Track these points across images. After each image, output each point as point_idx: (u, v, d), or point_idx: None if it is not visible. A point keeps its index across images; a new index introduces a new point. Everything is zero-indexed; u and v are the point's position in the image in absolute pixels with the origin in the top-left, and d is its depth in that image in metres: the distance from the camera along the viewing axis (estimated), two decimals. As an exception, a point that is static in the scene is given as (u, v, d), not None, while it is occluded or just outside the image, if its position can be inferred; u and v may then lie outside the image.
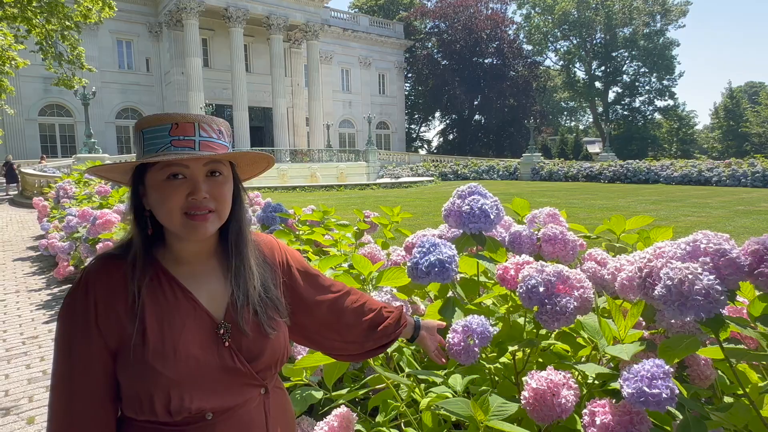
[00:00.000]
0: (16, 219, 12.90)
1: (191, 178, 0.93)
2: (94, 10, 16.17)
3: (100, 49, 30.94)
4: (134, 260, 0.94)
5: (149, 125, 0.93)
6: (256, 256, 1.07)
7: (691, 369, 1.17)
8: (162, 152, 0.91)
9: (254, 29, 34.15)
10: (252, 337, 0.99)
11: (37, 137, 30.00)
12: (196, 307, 0.97)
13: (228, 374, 0.94)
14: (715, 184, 22.29)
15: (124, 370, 0.90)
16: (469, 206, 1.43)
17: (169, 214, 0.92)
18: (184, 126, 0.92)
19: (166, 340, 0.91)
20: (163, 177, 0.92)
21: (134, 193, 0.97)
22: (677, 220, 10.35)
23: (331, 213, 2.89)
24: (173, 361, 0.89)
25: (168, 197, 0.91)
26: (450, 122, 54.19)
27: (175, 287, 0.96)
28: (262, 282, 1.04)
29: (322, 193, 20.30)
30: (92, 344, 0.90)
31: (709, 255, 0.98)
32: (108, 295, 0.92)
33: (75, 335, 0.91)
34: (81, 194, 7.35)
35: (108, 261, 0.96)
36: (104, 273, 0.94)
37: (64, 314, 0.93)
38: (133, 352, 0.89)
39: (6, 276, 6.86)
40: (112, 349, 0.91)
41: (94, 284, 0.93)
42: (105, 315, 0.91)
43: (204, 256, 1.02)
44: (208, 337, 0.95)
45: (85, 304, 0.91)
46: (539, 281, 1.13)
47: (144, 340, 0.90)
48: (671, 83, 54.08)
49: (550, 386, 0.96)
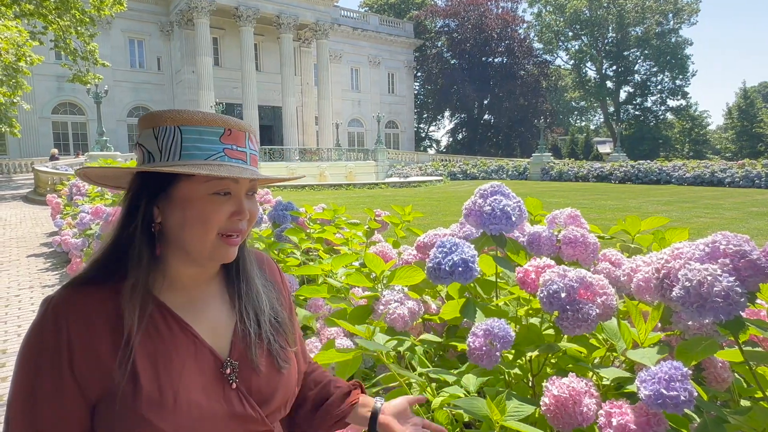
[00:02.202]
0: (30, 216, 13.08)
1: (236, 196, 0.80)
2: (106, 4, 16.38)
3: (113, 48, 31.26)
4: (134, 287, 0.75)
5: (193, 122, 0.77)
6: (258, 272, 0.93)
7: (708, 371, 1.15)
8: (213, 161, 0.77)
9: (264, 28, 34.30)
10: (264, 374, 0.85)
11: (50, 135, 30.43)
12: (196, 342, 0.80)
13: (236, 422, 0.79)
14: (728, 185, 22.00)
15: (108, 425, 0.73)
16: (490, 207, 1.41)
17: (204, 234, 0.77)
18: (237, 135, 0.79)
19: (163, 385, 0.74)
20: (207, 191, 0.77)
21: (147, 201, 0.77)
22: (690, 221, 10.23)
23: (341, 212, 2.90)
24: (173, 410, 0.73)
25: (210, 215, 0.77)
26: (459, 122, 54.06)
27: (170, 320, 0.79)
28: (271, 305, 0.91)
29: (331, 191, 20.34)
30: (65, 398, 0.72)
31: (728, 256, 0.96)
32: (86, 335, 0.72)
33: (41, 387, 0.71)
34: (94, 191, 7.44)
35: (82, 290, 0.76)
36: (79, 306, 0.74)
37: (25, 360, 0.73)
38: (122, 403, 0.72)
39: (20, 272, 6.96)
40: (90, 402, 0.73)
41: (66, 321, 0.72)
42: (83, 359, 0.72)
43: (204, 280, 0.86)
44: (212, 379, 0.79)
45: (55, 346, 0.71)
46: (561, 287, 1.12)
47: (135, 387, 0.72)
48: (684, 83, 53.52)
49: (572, 394, 0.95)
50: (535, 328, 1.27)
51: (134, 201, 0.78)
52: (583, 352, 1.25)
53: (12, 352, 4.07)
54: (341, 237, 2.55)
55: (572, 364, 1.20)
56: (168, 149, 0.76)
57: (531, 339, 1.22)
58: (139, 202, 0.78)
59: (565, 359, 1.24)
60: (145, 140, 0.79)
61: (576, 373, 1.06)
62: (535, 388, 1.25)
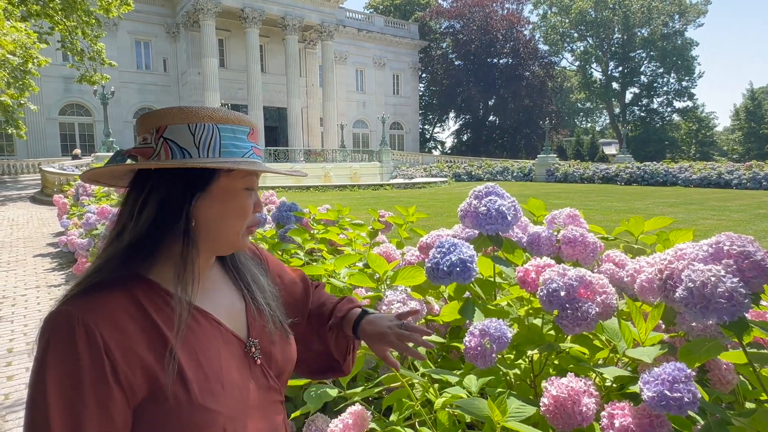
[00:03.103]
0: (37, 216, 13.17)
1: (255, 191, 0.87)
2: (113, 5, 16.51)
3: (119, 50, 31.45)
4: (181, 281, 0.77)
5: (229, 121, 0.80)
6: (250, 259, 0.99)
7: (712, 373, 1.15)
8: (248, 158, 0.82)
9: (270, 30, 34.41)
10: (279, 346, 0.93)
11: (58, 136, 30.65)
12: (221, 329, 0.84)
13: (264, 393, 0.87)
14: (735, 187, 21.85)
15: (164, 424, 0.73)
16: (485, 207, 1.42)
17: (240, 225, 0.84)
18: (256, 134, 0.86)
19: (208, 374, 0.77)
20: (243, 186, 0.82)
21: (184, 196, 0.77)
22: (696, 222, 10.17)
23: (345, 212, 2.90)
24: (223, 394, 0.77)
25: (247, 208, 0.83)
26: (464, 123, 53.99)
27: (194, 312, 0.81)
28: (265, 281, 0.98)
29: (336, 192, 20.36)
30: (112, 411, 0.68)
31: (732, 257, 0.96)
32: (121, 338, 0.70)
33: (85, 410, 0.66)
34: (100, 192, 7.49)
35: (99, 295, 0.73)
36: (104, 311, 0.71)
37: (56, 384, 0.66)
38: (176, 397, 0.72)
39: (27, 272, 7.01)
40: (133, 406, 0.72)
41: (96, 328, 0.69)
42: (125, 363, 0.70)
43: (207, 268, 0.89)
44: (240, 360, 0.85)
45: (92, 359, 0.67)
46: (560, 285, 1.12)
47: (185, 381, 0.74)
48: (690, 84, 53.21)
49: (570, 394, 0.95)
50: (536, 328, 1.26)
51: (173, 198, 0.77)
52: (585, 352, 1.25)
53: (18, 351, 4.10)
54: (345, 238, 2.56)
55: (574, 364, 1.20)
56: (206, 146, 0.78)
57: (532, 339, 1.21)
58: (181, 199, 0.77)
59: (567, 360, 1.23)
60: (176, 136, 0.77)
61: (578, 373, 1.06)
62: (536, 389, 1.25)
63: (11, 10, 13.91)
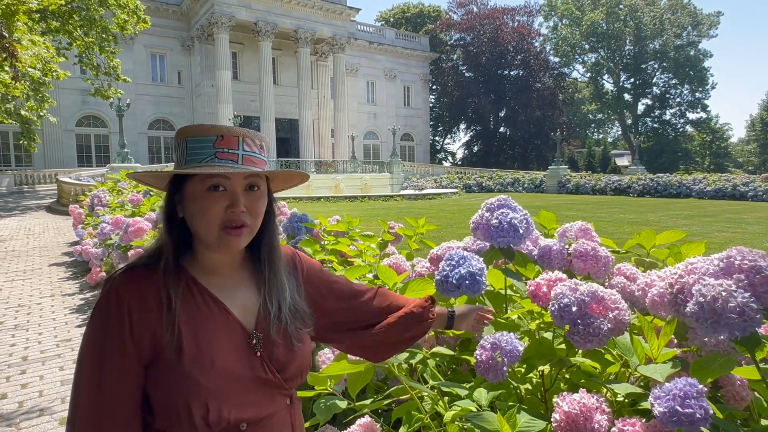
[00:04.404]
0: (53, 226, 13.39)
1: (231, 191, 0.93)
2: (130, 23, 16.90)
3: (135, 63, 32.06)
4: (165, 268, 0.94)
5: (194, 135, 0.93)
6: (285, 266, 1.08)
7: (726, 389, 1.13)
8: (206, 163, 0.91)
9: (282, 43, 34.88)
10: (282, 347, 1.00)
11: (74, 147, 31.19)
12: (228, 317, 0.97)
13: (260, 384, 0.96)
14: (750, 199, 21.52)
15: (160, 381, 0.89)
16: (497, 220, 1.42)
17: (207, 225, 0.92)
18: (229, 139, 0.93)
19: (203, 350, 0.91)
20: (203, 188, 0.92)
21: (169, 199, 0.96)
22: (710, 235, 10.02)
23: (355, 224, 2.92)
24: (211, 371, 0.89)
25: (207, 208, 0.91)
26: (475, 134, 53.98)
27: (207, 297, 0.96)
28: (291, 294, 1.06)
29: (347, 203, 20.42)
30: (126, 355, 0.89)
31: (743, 272, 0.95)
32: (141, 306, 0.90)
33: (108, 346, 0.89)
34: (114, 202, 7.60)
35: (137, 271, 0.94)
36: (135, 283, 0.92)
37: (96, 324, 0.91)
38: (170, 362, 0.88)
39: (42, 280, 7.11)
40: (144, 361, 0.90)
41: (126, 294, 0.91)
42: (139, 325, 0.89)
43: (232, 266, 1.02)
44: (240, 348, 0.95)
45: (118, 314, 0.89)
46: (572, 300, 1.11)
47: (180, 349, 0.89)
48: (704, 95, 52.73)
49: (582, 410, 0.94)
50: (547, 342, 1.26)
51: (165, 199, 0.97)
52: (597, 367, 1.24)
53: (33, 359, 4.15)
54: (355, 249, 2.57)
55: (585, 379, 1.19)
56: (182, 158, 0.95)
57: (543, 353, 1.21)
58: (169, 201, 0.96)
59: (578, 374, 1.22)
60: (174, 151, 1.00)
61: (589, 388, 1.05)
62: (547, 403, 1.24)
63: (32, 26, 14.27)
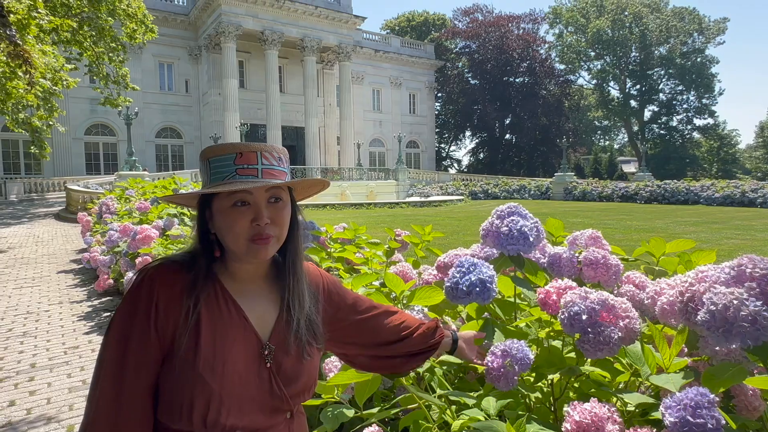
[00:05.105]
0: (61, 233, 13.49)
1: (255, 205, 0.97)
2: (138, 32, 17.13)
3: (143, 72, 32.42)
4: (197, 277, 0.97)
5: (215, 155, 0.98)
6: (307, 281, 1.10)
7: (738, 399, 1.12)
8: (228, 180, 0.95)
9: (289, 51, 35.18)
10: (293, 359, 1.02)
11: (83, 155, 31.52)
12: (246, 325, 1.00)
13: (264, 395, 0.97)
14: (760, 205, 21.32)
15: (171, 375, 0.93)
16: (507, 227, 1.42)
17: (235, 239, 0.96)
18: (248, 155, 0.97)
19: (217, 352, 0.94)
20: (229, 204, 0.96)
21: (201, 217, 1.01)
22: (720, 242, 9.93)
23: (361, 231, 2.92)
24: (221, 374, 0.92)
25: (234, 223, 0.96)
26: (480, 141, 53.99)
27: (230, 303, 1.00)
28: (309, 308, 1.08)
29: (352, 211, 20.45)
30: (149, 345, 0.93)
31: (755, 280, 0.94)
32: (169, 301, 0.95)
33: (133, 333, 0.93)
34: (122, 210, 7.65)
35: (171, 267, 0.99)
36: (168, 278, 0.97)
37: (125, 310, 0.96)
38: (185, 359, 0.92)
39: (50, 287, 7.16)
40: (163, 353, 0.94)
41: (157, 285, 0.95)
42: (164, 319, 0.94)
43: (257, 276, 1.06)
44: (252, 357, 0.98)
45: (148, 304, 0.94)
46: (582, 308, 1.11)
47: (197, 349, 0.93)
48: (711, 101, 52.48)
49: (594, 420, 0.93)
50: (557, 351, 1.25)
51: (197, 218, 1.03)
52: (606, 376, 1.23)
53: (41, 366, 4.17)
54: (361, 256, 2.57)
55: (595, 388, 1.18)
56: (207, 178, 1.00)
57: (552, 362, 1.20)
58: (198, 219, 1.02)
59: (588, 383, 1.21)
60: (201, 174, 1.04)
61: (599, 398, 1.04)
62: (556, 412, 1.23)
63: (43, 37, 14.48)
